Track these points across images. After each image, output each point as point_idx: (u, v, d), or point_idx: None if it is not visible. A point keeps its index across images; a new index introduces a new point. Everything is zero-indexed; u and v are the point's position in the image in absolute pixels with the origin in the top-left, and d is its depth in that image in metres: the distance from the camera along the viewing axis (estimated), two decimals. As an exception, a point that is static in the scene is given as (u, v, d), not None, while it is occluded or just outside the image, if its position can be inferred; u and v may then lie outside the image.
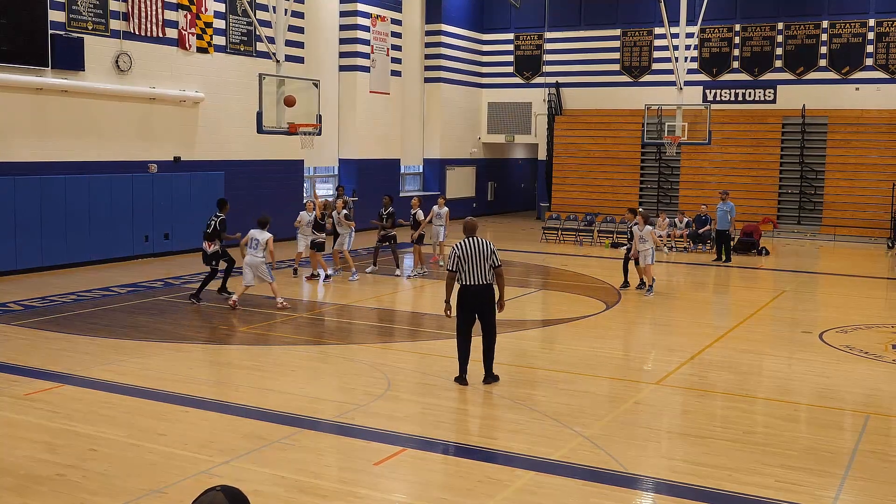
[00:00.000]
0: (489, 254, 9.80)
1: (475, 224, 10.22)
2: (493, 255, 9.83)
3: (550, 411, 9.17)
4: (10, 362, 10.86)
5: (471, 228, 10.08)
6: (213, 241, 15.39)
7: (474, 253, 9.78)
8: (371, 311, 15.19)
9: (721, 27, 30.52)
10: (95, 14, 19.14)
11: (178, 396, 9.54)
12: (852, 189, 27.97)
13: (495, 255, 9.86)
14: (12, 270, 17.47)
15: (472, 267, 9.78)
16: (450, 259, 9.95)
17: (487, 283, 9.84)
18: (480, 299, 9.87)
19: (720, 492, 7.12)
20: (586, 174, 31.69)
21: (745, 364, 11.58)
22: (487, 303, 9.93)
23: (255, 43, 23.28)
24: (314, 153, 25.39)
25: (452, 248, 9.97)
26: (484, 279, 9.80)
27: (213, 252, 15.45)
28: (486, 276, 9.81)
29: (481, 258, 9.77)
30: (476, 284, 9.80)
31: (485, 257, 9.78)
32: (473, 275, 9.78)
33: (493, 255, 9.83)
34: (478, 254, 9.78)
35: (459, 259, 9.81)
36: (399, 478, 7.43)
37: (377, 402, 9.45)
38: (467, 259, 9.78)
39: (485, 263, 9.78)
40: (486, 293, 9.88)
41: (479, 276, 9.79)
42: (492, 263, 9.82)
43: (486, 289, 9.86)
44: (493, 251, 9.87)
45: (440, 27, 32.30)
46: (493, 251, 9.87)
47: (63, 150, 18.76)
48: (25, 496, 6.83)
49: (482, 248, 9.81)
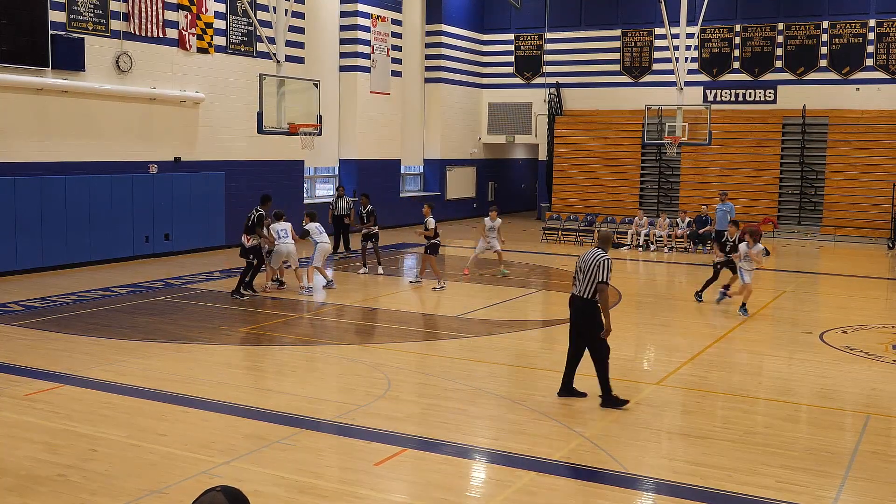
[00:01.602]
0: (595, 269, 9.27)
1: (604, 236, 9.84)
2: (598, 271, 9.26)
3: (551, 411, 9.17)
4: (10, 363, 10.87)
5: (601, 239, 9.75)
6: (251, 236, 15.64)
7: (584, 262, 9.40)
8: (371, 312, 15.19)
9: (721, 27, 30.52)
10: (96, 14, 19.15)
11: (178, 396, 9.54)
12: (853, 189, 27.97)
13: (601, 270, 9.26)
14: (12, 270, 17.47)
15: (580, 276, 9.41)
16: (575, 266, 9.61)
17: (584, 296, 9.35)
18: (576, 311, 9.50)
19: (720, 492, 7.12)
20: (587, 174, 31.70)
21: (746, 364, 11.58)
22: (582, 318, 9.47)
23: (256, 43, 23.29)
24: (314, 153, 25.38)
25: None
26: (582, 291, 9.37)
27: (251, 246, 15.70)
28: (586, 289, 9.33)
29: (588, 269, 9.33)
30: (576, 296, 9.46)
31: (590, 269, 9.30)
32: (577, 286, 9.44)
33: (599, 270, 9.26)
34: (587, 266, 9.35)
35: (577, 268, 9.52)
36: (399, 478, 7.43)
37: (377, 402, 9.45)
38: (579, 268, 9.45)
39: (589, 277, 9.30)
40: (583, 308, 9.41)
41: (579, 287, 9.41)
42: (596, 279, 9.28)
43: (584, 303, 9.39)
44: (601, 267, 9.27)
45: (440, 27, 32.30)
46: (601, 267, 9.27)
47: (63, 150, 18.76)
48: (26, 496, 6.83)
49: (592, 259, 9.36)
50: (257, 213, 15.75)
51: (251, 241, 15.66)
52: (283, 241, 16.07)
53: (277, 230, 16.18)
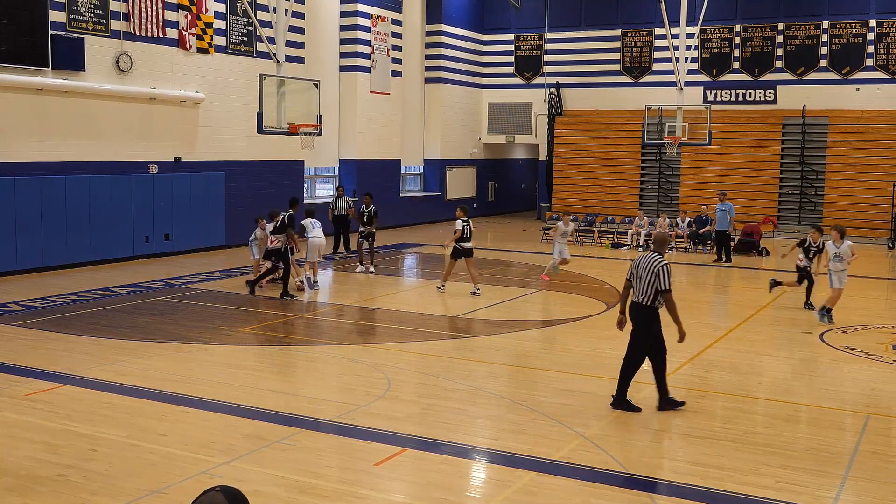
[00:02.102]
0: (652, 275, 9.03)
1: (660, 238, 9.65)
2: (656, 278, 9.01)
3: (551, 411, 9.17)
4: (10, 363, 10.87)
5: (656, 242, 9.58)
6: (278, 237, 15.83)
7: (641, 267, 9.17)
8: (371, 312, 15.19)
9: (721, 27, 30.52)
10: (96, 14, 19.15)
11: (178, 397, 9.54)
12: (853, 189, 27.97)
13: (660, 279, 8.99)
14: (13, 271, 17.47)
15: (636, 283, 9.20)
16: (628, 271, 9.37)
17: (643, 303, 9.13)
18: (635, 317, 9.28)
19: (721, 492, 7.12)
20: (587, 174, 31.69)
21: (746, 364, 11.58)
22: (637, 322, 9.26)
23: (256, 43, 23.29)
24: (314, 154, 25.37)
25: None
26: (640, 298, 9.15)
27: (275, 248, 15.87)
28: (646, 297, 9.10)
29: (645, 276, 9.09)
30: (635, 303, 9.24)
31: (648, 275, 9.06)
32: (636, 291, 9.23)
33: (656, 277, 9.01)
34: (644, 270, 9.12)
35: (632, 272, 9.30)
36: (399, 478, 7.43)
37: (377, 402, 9.45)
38: (636, 274, 9.22)
39: (647, 284, 9.07)
40: (639, 314, 9.20)
41: (638, 294, 9.19)
42: (656, 287, 9.04)
43: (641, 309, 9.17)
44: (659, 273, 9.01)
45: (441, 27, 32.30)
46: (659, 273, 9.01)
47: (63, 150, 18.76)
48: (26, 496, 6.83)
49: (649, 265, 9.10)
50: (286, 214, 15.92)
51: (275, 244, 15.81)
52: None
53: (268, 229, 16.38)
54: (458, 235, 16.36)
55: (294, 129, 17.16)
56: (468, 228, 16.47)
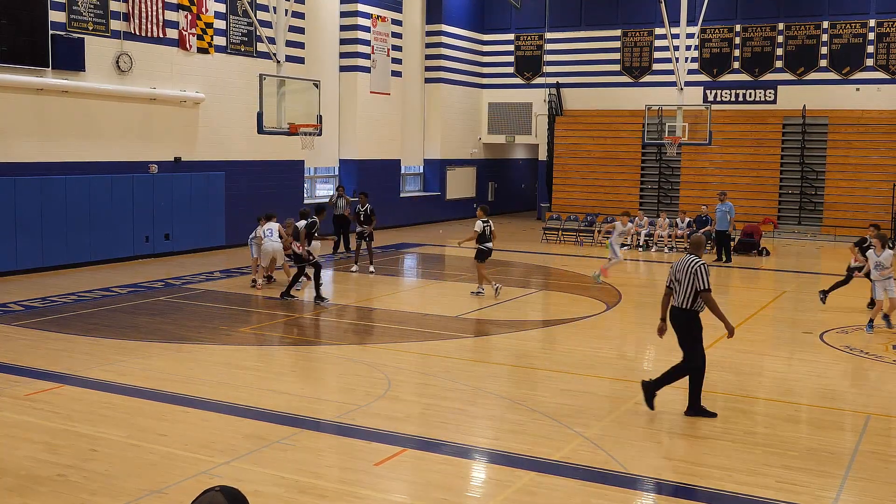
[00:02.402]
0: (691, 275, 8.96)
1: (696, 241, 9.55)
2: (695, 278, 8.94)
3: (551, 411, 9.17)
4: (10, 363, 10.87)
5: (693, 244, 9.51)
6: (300, 242, 15.69)
7: (679, 271, 9.14)
8: (371, 312, 15.19)
9: (721, 27, 30.52)
10: (96, 14, 19.15)
11: (178, 397, 9.55)
12: (853, 189, 27.97)
13: (698, 278, 8.93)
14: (13, 271, 17.47)
15: (676, 287, 9.15)
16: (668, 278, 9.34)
17: (684, 307, 9.05)
18: (676, 322, 9.19)
19: (721, 492, 7.12)
20: (587, 174, 31.70)
21: (746, 364, 11.58)
22: (678, 327, 9.15)
23: (256, 43, 23.29)
24: (314, 153, 25.38)
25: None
26: (681, 301, 9.08)
27: (297, 254, 15.73)
28: (686, 300, 9.03)
29: (684, 278, 9.04)
30: (675, 307, 9.16)
31: (687, 278, 9.01)
32: (677, 295, 9.15)
33: (695, 276, 8.94)
34: (683, 273, 9.08)
35: (672, 276, 9.26)
36: (399, 478, 7.43)
37: (377, 402, 9.45)
38: (675, 278, 9.18)
39: (687, 286, 9.01)
40: (681, 317, 9.12)
41: (678, 298, 9.12)
42: (695, 287, 8.97)
43: (682, 313, 9.10)
44: (697, 272, 8.95)
45: (441, 27, 32.30)
46: (697, 272, 8.95)
47: (64, 150, 18.76)
48: (26, 496, 6.83)
49: (685, 266, 9.07)
50: (310, 220, 15.82)
51: (300, 249, 15.65)
52: (269, 240, 16.47)
53: (265, 230, 16.55)
54: (475, 235, 16.00)
55: (294, 129, 17.16)
56: (489, 228, 16.15)
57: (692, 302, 9.01)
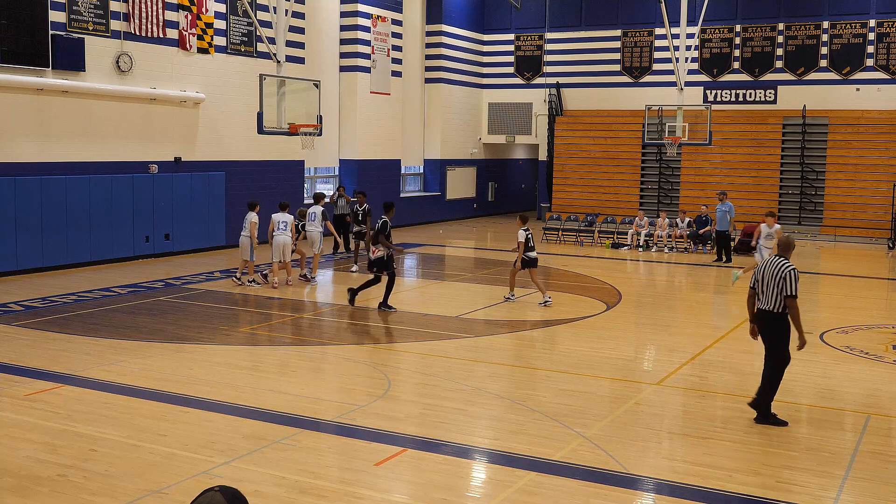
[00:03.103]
0: (780, 279, 8.76)
1: (786, 242, 9.28)
2: (784, 282, 8.74)
3: (551, 412, 9.17)
4: (10, 363, 10.87)
5: (782, 247, 9.25)
6: (376, 247, 14.66)
7: (766, 273, 8.95)
8: (371, 312, 15.18)
9: (721, 28, 30.52)
10: (96, 15, 19.15)
11: (178, 397, 9.55)
12: (853, 189, 27.97)
13: (787, 283, 8.73)
14: (13, 271, 17.47)
15: (762, 289, 8.98)
16: (751, 279, 9.21)
17: (771, 310, 8.88)
18: (762, 326, 9.05)
19: (721, 492, 7.12)
20: (587, 175, 31.70)
21: (746, 364, 11.57)
22: (765, 331, 9.03)
23: (256, 43, 23.29)
24: (315, 154, 25.40)
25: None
26: (767, 304, 8.90)
27: (377, 258, 14.66)
28: (773, 303, 8.84)
29: (772, 281, 8.84)
30: (762, 310, 8.99)
31: (775, 281, 8.80)
32: (762, 297, 8.99)
33: (783, 281, 8.74)
34: (769, 276, 8.89)
35: (756, 278, 9.10)
36: (399, 478, 7.43)
37: (378, 402, 9.45)
38: (761, 279, 9.02)
39: (773, 287, 8.83)
40: (767, 321, 8.96)
41: (764, 301, 8.95)
42: (781, 290, 8.76)
43: (769, 316, 8.92)
44: (786, 278, 8.75)
45: (441, 27, 32.30)
46: (786, 278, 8.75)
47: (64, 150, 18.76)
48: (26, 496, 6.83)
49: (775, 270, 8.85)
50: (381, 220, 14.67)
51: (377, 253, 14.62)
52: (282, 233, 16.37)
53: (279, 223, 16.46)
54: (522, 246, 15.31)
55: (294, 129, 17.18)
56: (531, 236, 15.58)
57: (780, 305, 8.81)
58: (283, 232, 16.42)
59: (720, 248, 22.00)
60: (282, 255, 16.41)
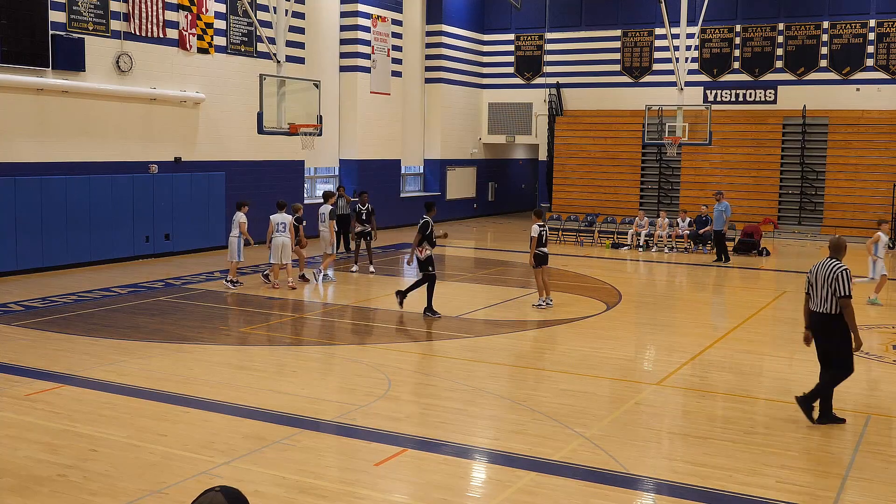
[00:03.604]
0: (833, 281, 8.67)
1: (837, 244, 9.17)
2: (836, 282, 8.66)
3: (551, 412, 9.17)
4: (10, 363, 10.87)
5: (833, 248, 9.15)
6: (422, 247, 14.37)
7: (819, 276, 8.85)
8: (371, 312, 15.19)
9: (722, 28, 30.52)
10: (96, 15, 19.15)
11: (178, 397, 9.55)
12: (853, 189, 27.97)
13: (839, 283, 8.64)
14: (13, 271, 17.48)
15: (815, 290, 8.88)
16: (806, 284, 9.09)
17: (825, 312, 8.76)
18: (817, 329, 8.91)
19: (721, 492, 7.12)
20: (587, 175, 31.70)
21: (746, 364, 11.58)
22: (820, 334, 8.90)
23: (256, 43, 23.29)
24: (315, 154, 25.40)
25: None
26: (821, 306, 8.80)
27: (426, 258, 14.35)
28: (826, 304, 8.75)
29: (825, 283, 8.76)
30: (815, 313, 8.88)
31: (828, 282, 8.72)
32: (815, 300, 8.89)
33: (836, 282, 8.66)
34: (822, 277, 8.80)
35: (809, 281, 9.00)
36: (400, 478, 7.43)
37: (378, 402, 9.45)
38: (814, 282, 8.91)
39: (826, 289, 8.75)
40: (823, 323, 8.82)
41: (817, 302, 8.84)
42: (835, 292, 8.68)
43: (823, 318, 8.80)
44: (838, 278, 8.66)
45: (441, 28, 32.30)
46: (838, 278, 8.66)
47: (64, 150, 18.77)
48: (26, 497, 6.83)
49: (828, 272, 8.77)
50: (423, 220, 14.41)
51: (424, 253, 14.35)
52: (281, 235, 16.30)
53: (277, 224, 16.39)
54: (535, 241, 14.96)
55: (294, 129, 17.18)
56: (545, 233, 15.22)
57: (836, 308, 8.72)
58: (281, 233, 16.35)
59: (718, 248, 22.03)
60: (280, 257, 16.38)
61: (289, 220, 16.52)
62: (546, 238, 15.33)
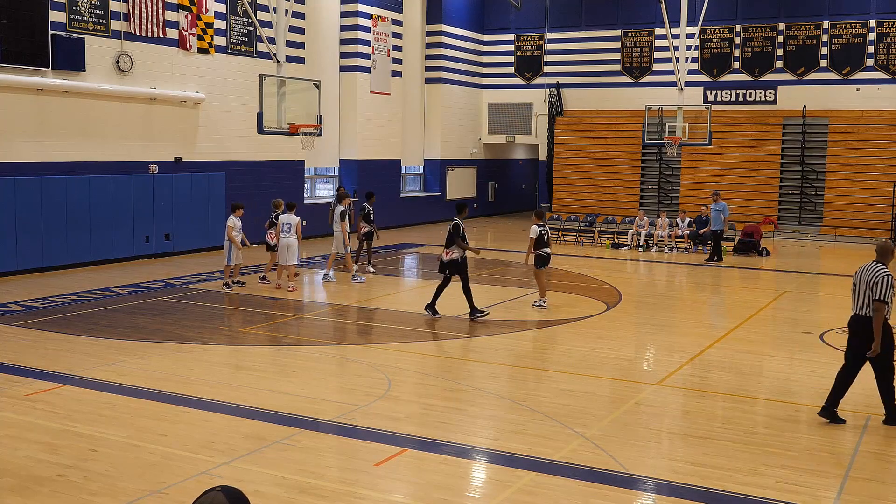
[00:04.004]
0: (873, 285, 8.65)
1: (883, 248, 9.08)
2: (876, 286, 8.64)
3: (551, 412, 9.17)
4: (10, 363, 10.87)
5: (880, 251, 9.08)
6: (449, 249, 14.15)
7: (861, 279, 8.83)
8: (371, 312, 15.19)
9: (722, 28, 30.52)
10: (96, 15, 19.15)
11: (178, 397, 9.55)
12: (853, 189, 27.97)
13: (879, 287, 8.61)
14: (13, 270, 17.48)
15: (856, 293, 8.88)
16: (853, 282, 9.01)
17: (864, 315, 8.75)
18: (854, 330, 8.92)
19: (721, 492, 7.12)
20: (587, 175, 31.71)
21: (746, 365, 11.58)
22: (855, 336, 8.89)
23: (256, 43, 23.29)
24: (315, 154, 25.40)
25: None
26: (860, 310, 8.79)
27: (450, 260, 14.08)
28: (865, 308, 8.74)
29: (866, 286, 8.74)
30: (857, 315, 8.87)
31: (868, 286, 8.70)
32: (854, 302, 8.89)
33: (876, 285, 8.64)
34: (864, 281, 8.79)
35: (854, 283, 8.98)
36: (399, 478, 7.43)
37: (378, 402, 9.45)
38: (858, 283, 8.89)
39: (865, 293, 8.73)
40: (860, 325, 8.81)
41: (858, 305, 8.84)
42: (873, 296, 8.66)
43: (861, 320, 8.80)
44: (879, 283, 8.63)
45: (441, 28, 32.30)
46: (879, 283, 8.63)
47: (64, 150, 18.77)
48: (26, 497, 6.83)
49: (871, 276, 8.75)
50: (454, 222, 14.20)
51: (450, 255, 14.06)
52: (287, 236, 16.19)
53: (283, 224, 16.28)
54: (532, 243, 14.92)
55: (294, 129, 17.18)
56: (546, 233, 15.14)
57: (872, 309, 8.71)
58: (287, 234, 16.28)
59: (713, 247, 22.05)
60: (286, 257, 16.34)
61: (295, 221, 16.44)
62: (548, 239, 15.33)
